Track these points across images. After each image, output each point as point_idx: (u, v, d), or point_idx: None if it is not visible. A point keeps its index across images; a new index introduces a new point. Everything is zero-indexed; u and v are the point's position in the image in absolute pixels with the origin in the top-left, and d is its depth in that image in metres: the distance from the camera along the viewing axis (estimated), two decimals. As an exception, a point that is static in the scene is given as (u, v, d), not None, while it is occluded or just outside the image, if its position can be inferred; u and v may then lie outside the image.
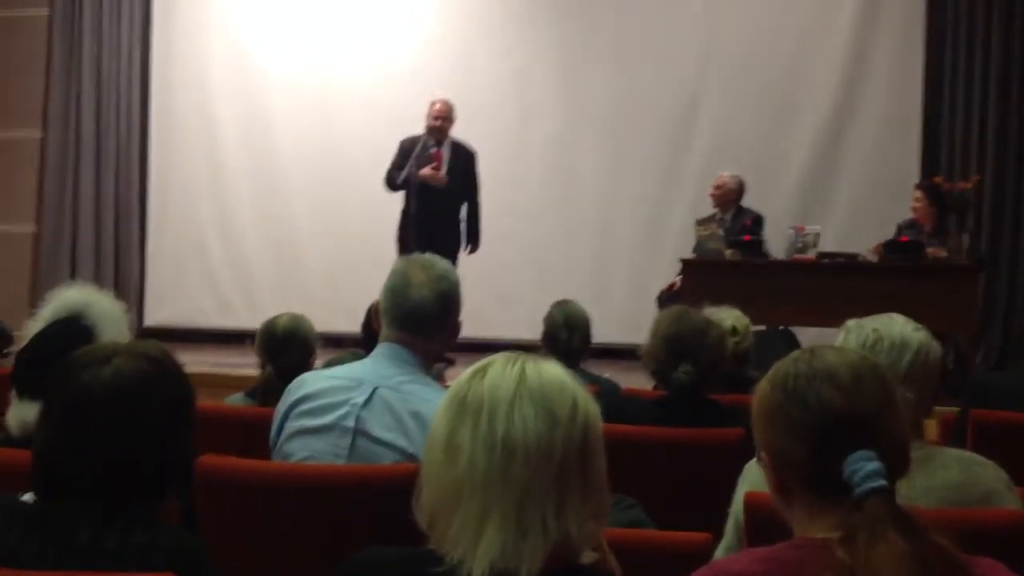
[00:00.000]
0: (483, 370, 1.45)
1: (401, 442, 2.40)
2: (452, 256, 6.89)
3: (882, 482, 1.40)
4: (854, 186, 8.22)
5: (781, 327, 7.04)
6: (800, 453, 1.49)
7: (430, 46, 8.68)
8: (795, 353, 1.59)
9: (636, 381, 5.56)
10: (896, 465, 1.46)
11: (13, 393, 2.37)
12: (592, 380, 3.82)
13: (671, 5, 8.48)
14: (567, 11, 8.61)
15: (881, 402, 1.50)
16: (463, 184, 7.33)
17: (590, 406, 1.44)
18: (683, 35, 8.44)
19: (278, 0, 8.93)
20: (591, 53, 8.56)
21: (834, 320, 6.92)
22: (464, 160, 7.37)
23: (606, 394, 3.37)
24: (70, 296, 2.44)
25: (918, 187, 7.36)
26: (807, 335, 7.17)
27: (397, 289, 2.56)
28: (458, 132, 7.61)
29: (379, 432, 2.43)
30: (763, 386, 1.55)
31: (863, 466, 1.41)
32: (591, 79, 8.55)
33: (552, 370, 1.45)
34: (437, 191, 7.18)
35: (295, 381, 2.62)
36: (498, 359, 1.47)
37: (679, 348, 3.12)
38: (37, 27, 9.06)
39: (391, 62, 8.64)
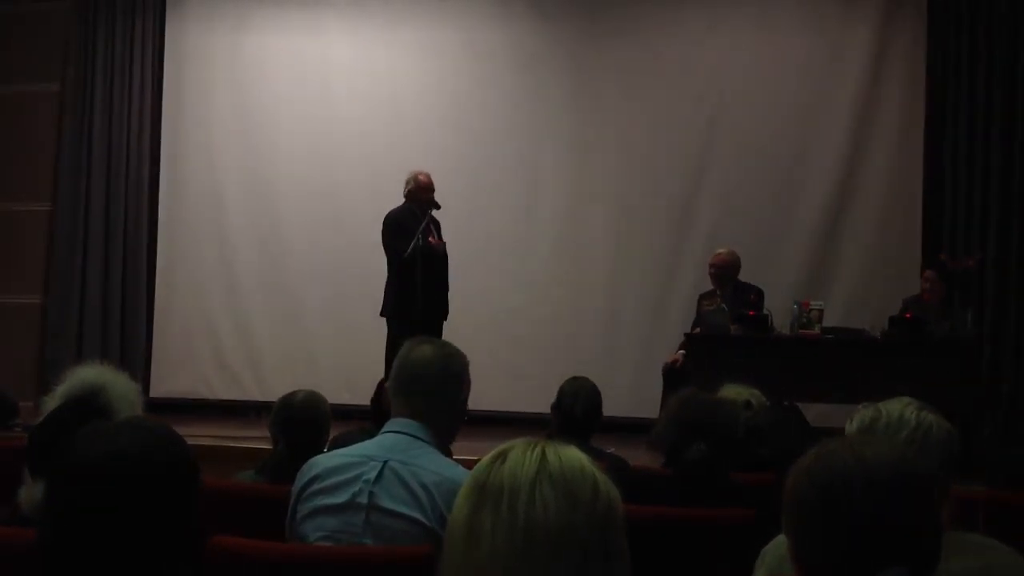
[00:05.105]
0: (503, 455, 1.43)
1: (415, 514, 2.42)
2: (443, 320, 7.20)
3: None
4: (858, 261, 8.25)
5: (786, 402, 7.00)
6: (830, 559, 1.48)
7: (439, 122, 8.78)
8: (833, 443, 1.57)
9: (640, 455, 5.55)
10: (928, 573, 1.46)
11: (27, 471, 2.36)
12: (598, 456, 3.79)
13: (676, 84, 8.58)
14: (574, 90, 8.71)
15: (918, 512, 1.48)
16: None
17: (611, 490, 1.42)
18: (688, 114, 8.54)
19: (286, 78, 9.05)
20: (598, 131, 8.65)
21: (839, 395, 6.91)
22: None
23: (614, 471, 3.35)
24: (86, 375, 2.43)
25: (930, 268, 7.36)
26: (812, 410, 7.15)
27: (401, 358, 2.63)
28: (469, 207, 7.75)
29: (392, 505, 2.44)
30: (797, 479, 1.53)
31: None
32: (597, 156, 8.64)
33: (572, 454, 1.43)
34: (437, 260, 7.24)
35: (307, 463, 2.62)
36: (518, 444, 1.44)
37: (690, 427, 3.12)
38: (48, 102, 9.18)
39: (399, 138, 8.71)
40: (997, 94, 7.96)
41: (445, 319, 7.22)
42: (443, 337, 6.64)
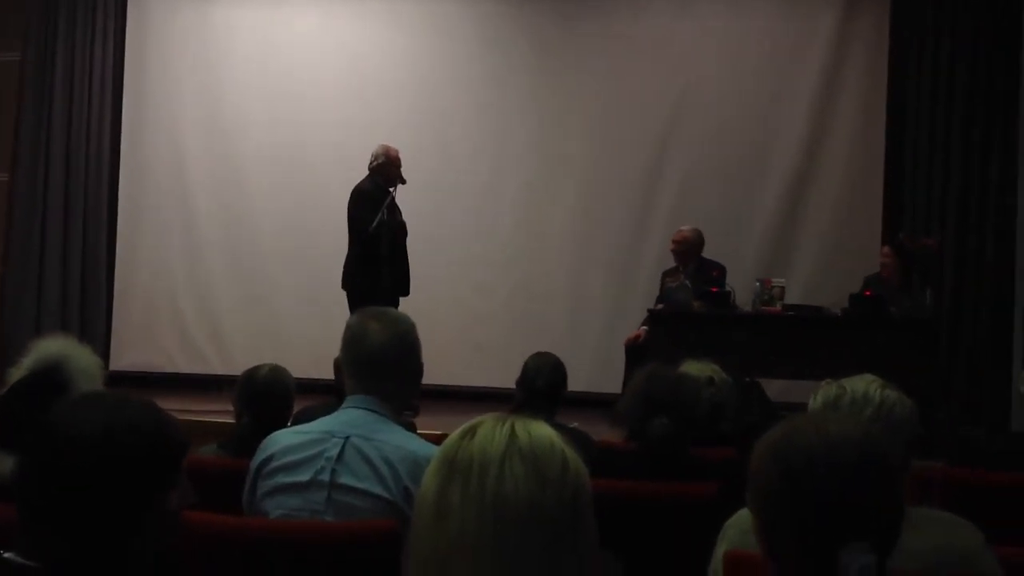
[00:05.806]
0: (472, 430, 1.42)
1: (378, 489, 2.40)
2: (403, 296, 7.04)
3: None
4: (819, 240, 8.32)
5: (747, 378, 7.07)
6: (793, 534, 1.50)
7: (406, 97, 8.74)
8: (798, 420, 1.59)
9: (603, 430, 5.58)
10: (889, 548, 1.48)
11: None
12: (561, 431, 3.79)
13: (643, 65, 8.58)
14: (541, 69, 8.69)
15: (881, 489, 1.51)
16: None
17: (580, 466, 1.43)
18: (654, 94, 8.55)
19: (252, 50, 8.96)
20: (565, 108, 8.65)
21: (800, 371, 6.97)
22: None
23: (579, 446, 3.36)
24: (49, 347, 2.42)
25: (887, 244, 7.48)
26: (773, 386, 7.23)
27: (355, 340, 2.58)
28: (435, 184, 7.89)
29: (354, 482, 2.42)
30: (762, 455, 1.55)
31: (856, 560, 1.43)
32: (562, 134, 8.65)
33: (541, 430, 1.44)
34: (401, 237, 7.21)
35: (267, 439, 2.59)
36: (487, 419, 1.44)
37: (654, 402, 3.14)
38: (8, 71, 9.05)
39: (366, 115, 8.66)
40: (960, 69, 8.01)
41: (406, 295, 7.19)
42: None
